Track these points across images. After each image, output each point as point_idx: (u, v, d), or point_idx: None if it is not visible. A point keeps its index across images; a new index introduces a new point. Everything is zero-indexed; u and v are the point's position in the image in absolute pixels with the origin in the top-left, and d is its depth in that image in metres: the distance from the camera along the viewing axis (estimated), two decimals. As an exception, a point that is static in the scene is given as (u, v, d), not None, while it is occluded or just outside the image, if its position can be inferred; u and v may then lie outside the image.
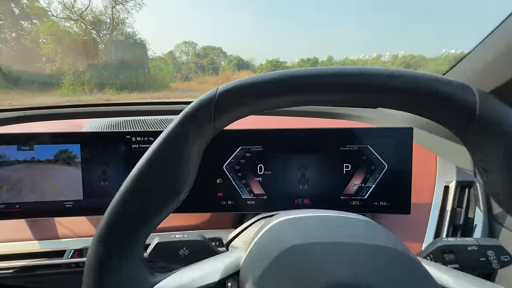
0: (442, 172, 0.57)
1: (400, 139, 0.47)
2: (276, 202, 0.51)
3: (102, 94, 5.66)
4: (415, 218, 0.51)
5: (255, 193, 0.51)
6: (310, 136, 0.49)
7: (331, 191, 0.50)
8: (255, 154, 0.50)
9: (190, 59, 13.53)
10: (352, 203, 0.50)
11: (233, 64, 11.04)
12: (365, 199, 0.49)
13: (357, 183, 0.49)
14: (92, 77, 7.67)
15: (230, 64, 11.19)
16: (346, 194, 0.50)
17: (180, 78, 11.91)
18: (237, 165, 0.50)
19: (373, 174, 0.49)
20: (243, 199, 0.51)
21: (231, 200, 0.51)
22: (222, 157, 0.50)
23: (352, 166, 0.49)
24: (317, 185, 0.50)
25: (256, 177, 0.50)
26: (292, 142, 0.49)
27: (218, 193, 0.51)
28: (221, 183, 0.51)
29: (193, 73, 12.46)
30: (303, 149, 0.49)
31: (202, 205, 0.51)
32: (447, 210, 0.53)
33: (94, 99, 4.14)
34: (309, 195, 0.50)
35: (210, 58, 12.91)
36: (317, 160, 0.49)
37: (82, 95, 5.85)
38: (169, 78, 9.80)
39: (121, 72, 8.19)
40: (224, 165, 0.50)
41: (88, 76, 7.41)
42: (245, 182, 0.51)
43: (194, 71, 12.71)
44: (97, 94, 5.72)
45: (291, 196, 0.50)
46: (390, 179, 0.48)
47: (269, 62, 5.70)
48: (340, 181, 0.49)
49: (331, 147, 0.49)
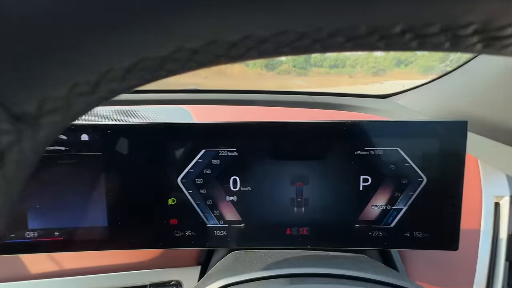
0: (488, 184, 0.41)
1: (447, 139, 0.31)
2: (258, 232, 0.34)
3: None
4: (459, 253, 0.35)
5: (227, 219, 0.34)
6: (309, 133, 0.32)
7: (341, 216, 0.33)
8: (227, 161, 0.33)
9: None
10: (372, 233, 0.33)
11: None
12: (391, 228, 0.33)
13: (380, 204, 0.33)
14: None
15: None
16: (363, 220, 0.33)
17: None
18: (199, 177, 0.33)
19: (404, 191, 0.32)
20: (209, 229, 0.34)
21: (191, 230, 0.34)
22: (175, 166, 0.33)
23: (372, 179, 0.32)
24: (320, 207, 0.33)
25: (228, 195, 0.33)
26: (282, 142, 0.32)
27: (171, 219, 0.33)
28: (174, 204, 0.33)
29: None
30: (299, 153, 0.32)
31: (147, 239, 0.34)
32: (501, 238, 0.37)
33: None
34: (309, 222, 0.34)
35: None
36: (321, 170, 0.33)
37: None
38: None
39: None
40: (179, 178, 0.33)
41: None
42: (212, 203, 0.33)
43: None
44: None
45: (281, 224, 0.34)
46: (431, 199, 0.32)
47: (262, 55, 5.57)
48: (355, 201, 0.33)
49: (342, 150, 0.32)
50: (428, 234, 0.33)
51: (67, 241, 0.33)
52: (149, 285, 0.37)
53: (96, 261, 0.37)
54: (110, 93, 0.09)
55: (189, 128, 0.32)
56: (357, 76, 2.83)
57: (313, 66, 3.40)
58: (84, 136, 0.32)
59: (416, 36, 0.08)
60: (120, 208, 0.33)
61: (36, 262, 0.36)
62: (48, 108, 0.08)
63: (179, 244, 0.34)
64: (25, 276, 0.36)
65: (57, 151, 0.32)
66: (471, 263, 0.36)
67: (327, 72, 3.24)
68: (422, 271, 0.35)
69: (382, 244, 0.33)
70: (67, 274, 0.36)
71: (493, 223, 0.38)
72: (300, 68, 3.31)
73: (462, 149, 0.31)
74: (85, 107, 0.09)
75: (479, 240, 0.37)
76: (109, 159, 0.32)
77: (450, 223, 0.32)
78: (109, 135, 0.32)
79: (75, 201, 0.33)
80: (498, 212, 0.39)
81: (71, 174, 0.32)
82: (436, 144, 0.31)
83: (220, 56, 0.09)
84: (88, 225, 0.33)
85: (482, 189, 0.41)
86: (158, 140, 0.32)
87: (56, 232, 0.33)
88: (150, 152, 0.32)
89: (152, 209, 0.33)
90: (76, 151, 0.32)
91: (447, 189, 0.32)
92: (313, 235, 0.34)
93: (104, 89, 0.09)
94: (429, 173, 0.32)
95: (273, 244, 0.34)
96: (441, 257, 0.36)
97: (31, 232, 0.33)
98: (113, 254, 0.37)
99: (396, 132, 0.32)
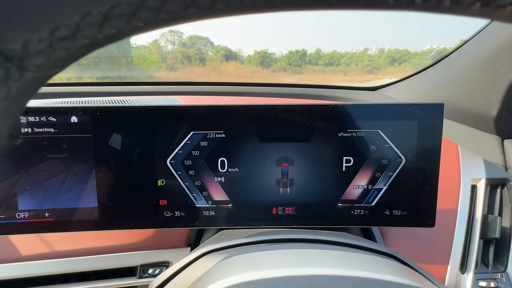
0: (466, 168, 0.43)
1: (424, 121, 0.33)
2: (245, 212, 0.35)
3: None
4: (437, 231, 0.37)
5: (215, 199, 0.35)
6: (295, 116, 0.33)
7: (324, 195, 0.35)
8: (215, 143, 0.34)
9: (176, 48, 13.25)
10: (354, 212, 0.35)
11: (220, 55, 10.72)
12: (372, 206, 0.35)
13: (361, 184, 0.34)
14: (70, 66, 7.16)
15: (218, 55, 10.88)
16: (346, 200, 0.35)
17: (166, 68, 11.91)
18: (187, 159, 0.34)
19: (384, 171, 0.34)
20: (198, 209, 0.35)
21: (180, 211, 0.35)
22: (164, 148, 0.33)
23: (355, 160, 0.34)
24: (304, 187, 0.35)
25: (216, 176, 0.34)
26: (269, 125, 0.34)
27: (160, 200, 0.34)
28: (164, 185, 0.34)
29: (179, 63, 12.35)
30: (284, 135, 0.34)
31: (137, 219, 0.34)
32: (477, 218, 0.39)
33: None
34: (294, 202, 0.35)
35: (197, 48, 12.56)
36: (305, 152, 0.34)
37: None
38: (154, 68, 9.73)
39: (101, 61, 7.90)
40: (168, 160, 0.34)
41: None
42: (200, 184, 0.34)
43: (180, 61, 12.57)
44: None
45: (267, 204, 0.35)
46: (409, 178, 0.34)
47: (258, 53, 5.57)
48: (338, 181, 0.34)
49: (326, 132, 0.34)
50: (407, 212, 0.34)
51: (58, 221, 0.34)
52: (140, 266, 0.38)
53: (86, 243, 0.38)
54: (91, 42, 0.10)
55: (177, 111, 0.33)
56: (351, 74, 2.84)
57: (308, 64, 3.38)
58: (73, 118, 0.32)
59: None
60: (109, 189, 0.34)
61: (26, 244, 0.37)
62: (33, 49, 0.09)
63: (169, 224, 0.35)
64: (15, 258, 0.36)
65: (46, 132, 0.32)
66: (448, 241, 0.37)
67: (322, 70, 3.23)
68: (402, 249, 0.37)
69: (363, 222, 0.35)
70: (57, 256, 0.37)
71: (470, 204, 0.40)
72: (295, 66, 3.29)
73: (439, 130, 0.33)
74: (67, 54, 0.10)
75: (456, 220, 0.39)
76: (98, 141, 0.33)
77: (427, 202, 0.34)
78: (98, 117, 0.32)
79: (65, 183, 0.33)
80: (475, 193, 0.41)
81: (61, 156, 0.33)
82: (415, 126, 0.33)
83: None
84: (78, 206, 0.34)
85: (461, 172, 0.42)
86: (147, 122, 0.33)
87: (47, 213, 0.34)
88: (139, 134, 0.33)
89: (142, 190, 0.34)
90: (65, 133, 0.33)
91: (424, 169, 0.33)
92: (298, 214, 0.35)
93: (84, 34, 0.09)
94: (407, 153, 0.33)
95: (260, 224, 0.35)
96: (420, 234, 0.38)
97: (21, 213, 0.33)
98: (103, 236, 0.38)
99: (377, 114, 0.33)
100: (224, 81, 0.78)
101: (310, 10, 0.10)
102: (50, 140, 0.32)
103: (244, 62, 3.08)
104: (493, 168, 0.43)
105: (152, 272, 0.38)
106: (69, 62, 0.11)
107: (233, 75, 2.50)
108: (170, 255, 0.39)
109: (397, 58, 2.54)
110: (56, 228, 0.34)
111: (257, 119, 0.33)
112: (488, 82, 0.44)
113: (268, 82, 0.80)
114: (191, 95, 0.67)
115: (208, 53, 3.90)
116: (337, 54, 3.03)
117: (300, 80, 2.22)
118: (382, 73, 2.30)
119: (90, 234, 0.38)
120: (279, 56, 3.10)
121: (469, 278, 0.36)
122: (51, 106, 0.32)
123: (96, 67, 2.70)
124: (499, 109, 0.43)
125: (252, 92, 0.74)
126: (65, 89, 0.69)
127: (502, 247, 0.38)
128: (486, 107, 0.45)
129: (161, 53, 5.67)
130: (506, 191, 0.41)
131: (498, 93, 0.43)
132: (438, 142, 0.33)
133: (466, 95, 0.48)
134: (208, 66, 3.45)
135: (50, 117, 0.32)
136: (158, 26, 0.10)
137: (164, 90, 0.71)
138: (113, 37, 0.10)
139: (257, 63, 3.07)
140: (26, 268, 0.36)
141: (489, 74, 0.44)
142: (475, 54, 0.47)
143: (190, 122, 0.33)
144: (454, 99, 0.50)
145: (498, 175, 0.42)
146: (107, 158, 0.33)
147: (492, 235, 0.38)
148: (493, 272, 0.37)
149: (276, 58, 3.18)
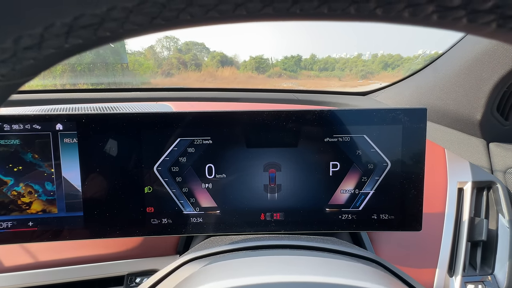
0: (453, 171, 0.44)
1: (409, 126, 0.33)
2: (233, 218, 0.35)
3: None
4: (425, 234, 0.37)
5: (203, 206, 0.35)
6: (282, 122, 0.33)
7: (312, 201, 0.35)
8: (202, 149, 0.34)
9: (172, 54, 13.35)
10: (342, 217, 0.35)
11: (216, 60, 10.80)
12: (359, 211, 0.35)
13: (348, 189, 0.34)
14: (64, 71, 7.15)
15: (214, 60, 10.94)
16: (333, 204, 0.35)
17: (161, 74, 12.03)
18: (174, 165, 0.34)
19: (371, 176, 0.34)
20: (185, 216, 0.34)
21: (167, 218, 0.34)
22: (151, 155, 0.33)
23: (341, 164, 0.34)
24: (292, 192, 0.35)
25: (203, 183, 0.34)
26: (255, 131, 0.34)
27: (147, 208, 0.34)
28: (151, 192, 0.34)
29: (175, 69, 12.45)
30: (271, 141, 0.34)
31: (123, 227, 0.34)
32: (464, 220, 0.40)
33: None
34: (282, 207, 0.35)
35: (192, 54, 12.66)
36: (293, 157, 0.34)
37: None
38: (149, 74, 9.80)
39: (96, 67, 7.90)
40: (155, 167, 0.34)
41: (59, 71, 6.85)
42: (188, 190, 0.34)
43: (176, 67, 12.66)
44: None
45: (255, 210, 0.35)
46: (395, 182, 0.34)
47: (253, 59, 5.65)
48: (325, 186, 0.34)
49: (312, 137, 0.34)
50: (394, 216, 0.34)
51: (42, 231, 0.33)
52: (127, 275, 0.37)
53: (73, 252, 0.37)
54: (58, 51, 0.10)
55: (164, 117, 0.33)
56: (346, 79, 2.88)
57: (303, 69, 3.41)
58: (58, 126, 0.32)
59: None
60: (95, 196, 0.33)
61: (9, 255, 0.36)
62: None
63: (156, 232, 0.34)
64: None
65: (31, 140, 0.32)
66: (436, 244, 0.38)
67: (317, 75, 3.26)
68: (390, 253, 0.37)
69: (351, 226, 0.35)
70: (42, 266, 0.36)
71: (457, 207, 0.40)
72: (290, 71, 3.32)
73: (423, 135, 0.33)
74: (33, 63, 0.10)
75: (443, 223, 0.39)
76: (84, 148, 0.33)
77: (413, 205, 0.34)
78: (84, 124, 0.32)
79: (49, 190, 0.33)
80: (462, 196, 0.41)
81: (46, 163, 0.33)
82: (399, 131, 0.33)
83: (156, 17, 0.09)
84: (63, 214, 0.33)
85: (447, 176, 0.43)
86: (133, 129, 0.33)
87: (30, 222, 0.33)
88: (125, 141, 0.33)
89: (128, 198, 0.34)
90: (50, 140, 0.32)
91: (409, 173, 0.34)
92: (286, 220, 0.35)
93: (50, 44, 0.10)
94: (393, 157, 0.34)
95: (248, 230, 0.35)
96: (408, 238, 0.38)
97: (4, 222, 0.33)
98: (89, 245, 0.37)
99: (362, 119, 0.34)
100: (217, 87, 0.78)
101: (289, 20, 0.10)
102: (34, 148, 0.32)
103: (239, 67, 3.09)
104: (479, 171, 0.43)
105: (140, 281, 0.37)
106: (39, 70, 0.11)
107: (229, 81, 2.52)
108: (158, 263, 0.38)
109: (390, 63, 2.59)
110: (40, 238, 0.33)
111: (244, 125, 0.34)
112: (471, 87, 0.45)
113: (262, 87, 0.81)
114: (184, 101, 0.67)
115: (204, 58, 3.91)
116: (331, 60, 3.07)
117: (295, 85, 2.24)
118: (376, 78, 2.34)
119: (76, 243, 0.37)
120: (274, 61, 3.13)
121: (458, 281, 0.36)
122: (35, 114, 0.32)
123: (91, 73, 2.70)
124: (483, 113, 0.44)
125: (244, 98, 0.75)
126: (56, 95, 0.69)
127: (489, 250, 0.39)
128: (470, 111, 0.46)
129: (157, 59, 5.68)
130: (492, 193, 0.42)
131: (481, 97, 0.44)
132: (422, 146, 0.33)
133: (451, 99, 0.49)
134: (204, 71, 3.45)
135: (34, 125, 0.32)
136: (126, 36, 0.11)
137: (157, 96, 0.71)
138: (81, 46, 0.11)
139: (252, 68, 3.10)
140: (10, 280, 0.35)
141: (473, 79, 0.45)
142: (458, 60, 0.48)
143: (177, 129, 0.33)
144: (441, 103, 0.51)
145: (484, 178, 0.42)
146: (93, 165, 0.33)
147: (479, 238, 0.38)
148: (481, 275, 0.37)
149: (271, 64, 3.21)
